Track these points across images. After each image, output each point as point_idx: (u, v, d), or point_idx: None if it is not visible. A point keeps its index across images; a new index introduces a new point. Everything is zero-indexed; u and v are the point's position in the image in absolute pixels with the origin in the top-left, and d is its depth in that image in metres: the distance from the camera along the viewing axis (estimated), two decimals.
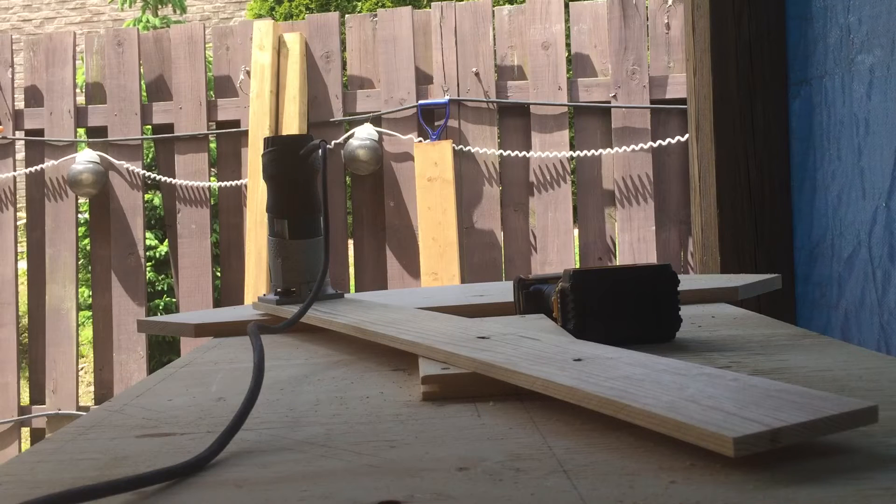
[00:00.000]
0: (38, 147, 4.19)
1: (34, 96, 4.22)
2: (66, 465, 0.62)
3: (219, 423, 0.70)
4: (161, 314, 4.95)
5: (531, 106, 3.88)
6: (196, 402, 0.79)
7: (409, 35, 3.95)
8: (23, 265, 4.76)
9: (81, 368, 5.15)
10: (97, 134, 4.20)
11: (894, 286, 1.42)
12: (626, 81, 3.80)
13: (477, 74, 3.88)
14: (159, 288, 5.14)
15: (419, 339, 0.86)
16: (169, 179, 4.09)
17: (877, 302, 1.47)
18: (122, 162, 4.11)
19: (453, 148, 3.81)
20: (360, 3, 7.89)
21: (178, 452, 0.63)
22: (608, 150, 3.81)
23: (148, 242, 4.81)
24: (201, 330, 1.23)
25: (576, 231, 3.95)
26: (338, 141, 3.94)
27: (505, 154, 3.88)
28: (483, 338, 0.83)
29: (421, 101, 3.91)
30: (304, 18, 4.99)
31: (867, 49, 1.48)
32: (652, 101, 3.80)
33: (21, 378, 4.27)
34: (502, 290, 1.32)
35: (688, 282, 1.27)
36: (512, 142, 3.93)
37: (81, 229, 4.82)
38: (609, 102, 3.83)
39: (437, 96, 3.91)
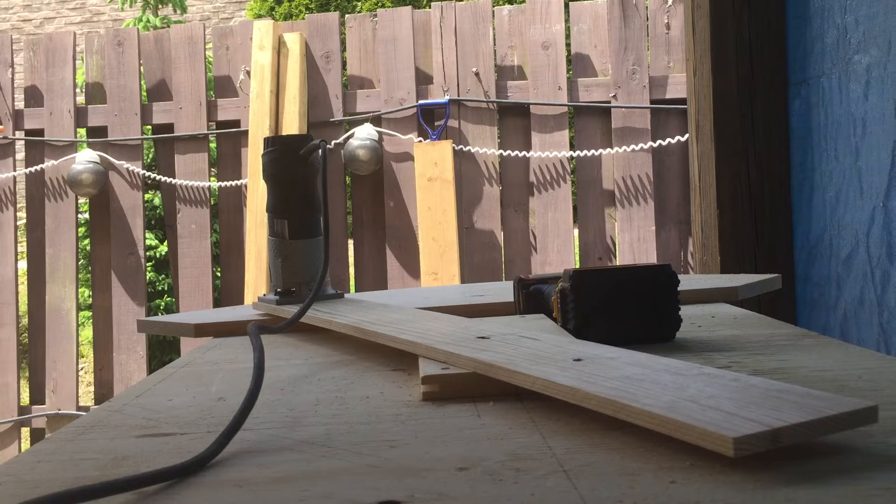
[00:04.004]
0: (38, 147, 4.19)
1: (34, 96, 4.22)
2: (66, 465, 0.62)
3: (219, 423, 0.70)
4: (161, 314, 4.95)
5: (531, 106, 3.88)
6: (196, 402, 0.79)
7: (409, 35, 3.95)
8: (23, 265, 4.76)
9: (81, 368, 5.15)
10: (97, 134, 4.20)
11: (893, 286, 1.42)
12: (626, 81, 3.80)
13: (477, 74, 3.88)
14: (159, 288, 5.14)
15: (419, 339, 0.86)
16: (169, 179, 4.09)
17: (876, 301, 1.47)
18: (122, 162, 4.10)
19: (453, 148, 3.81)
20: (360, 3, 7.88)
21: (178, 452, 0.63)
22: (608, 150, 3.81)
23: (148, 242, 4.80)
24: (201, 330, 1.23)
25: (576, 231, 3.95)
26: (338, 141, 3.94)
27: (505, 154, 3.88)
28: (483, 338, 0.83)
29: (421, 101, 3.91)
30: (304, 18, 4.98)
31: (864, 49, 1.48)
32: (652, 101, 3.80)
33: (21, 378, 4.26)
34: (502, 290, 1.32)
35: (688, 282, 1.27)
36: (512, 142, 3.93)
37: (81, 229, 4.82)
38: (609, 102, 3.83)
39: (437, 96, 3.91)
